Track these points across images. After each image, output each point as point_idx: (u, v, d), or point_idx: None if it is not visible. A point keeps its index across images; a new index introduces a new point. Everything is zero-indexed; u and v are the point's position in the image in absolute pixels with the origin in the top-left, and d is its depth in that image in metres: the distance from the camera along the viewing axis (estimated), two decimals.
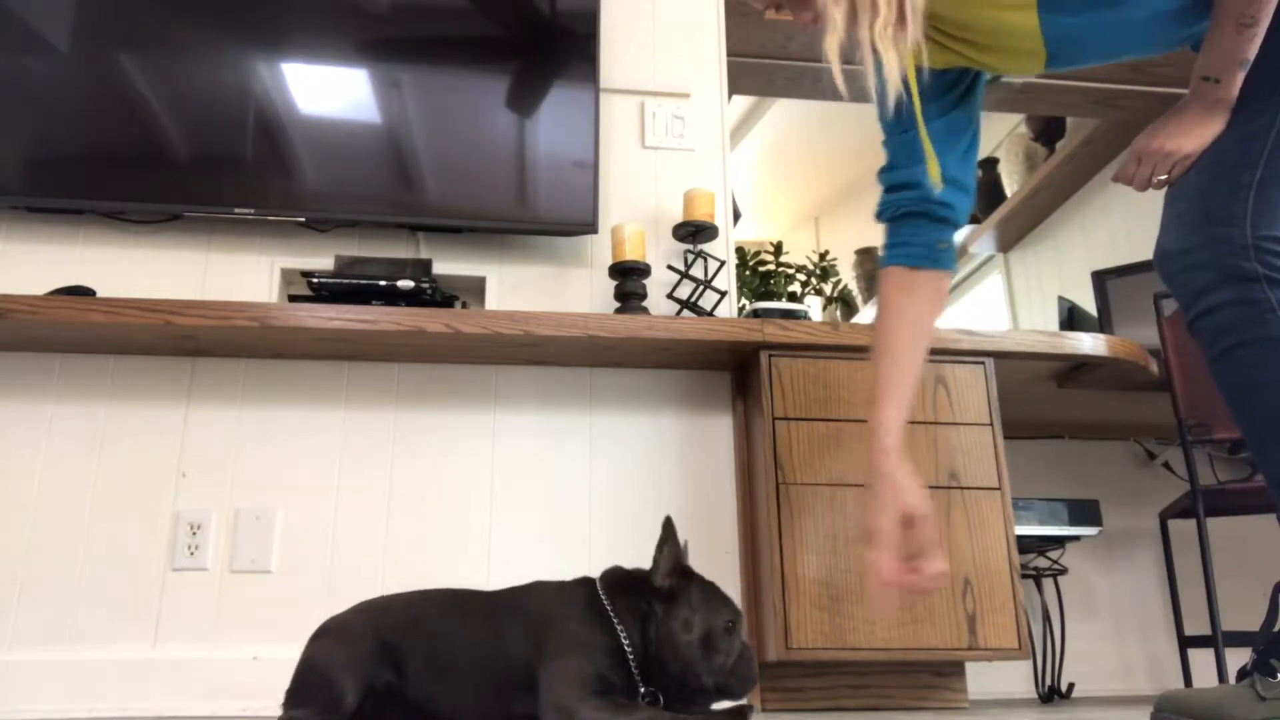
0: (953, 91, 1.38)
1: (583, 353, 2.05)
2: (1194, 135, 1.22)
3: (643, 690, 1.13)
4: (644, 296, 2.12)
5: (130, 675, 1.82)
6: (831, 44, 1.13)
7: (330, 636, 1.16)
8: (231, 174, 2.11)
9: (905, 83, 1.25)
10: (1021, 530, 2.04)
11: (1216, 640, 2.07)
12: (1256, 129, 1.16)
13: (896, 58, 1.13)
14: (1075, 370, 2.16)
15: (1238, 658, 2.12)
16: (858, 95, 1.17)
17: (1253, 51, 1.16)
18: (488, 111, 2.23)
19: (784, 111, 4.28)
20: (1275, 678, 1.24)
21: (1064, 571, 2.23)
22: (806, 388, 1.94)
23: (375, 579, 1.95)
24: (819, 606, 1.79)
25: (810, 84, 3.11)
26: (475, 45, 2.30)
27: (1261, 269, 1.12)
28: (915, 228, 1.39)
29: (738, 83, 3.06)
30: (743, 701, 1.18)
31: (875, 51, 1.13)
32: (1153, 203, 1.34)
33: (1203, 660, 2.28)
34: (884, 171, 1.42)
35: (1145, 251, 3.30)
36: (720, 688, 1.14)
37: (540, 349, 2.02)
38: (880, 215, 1.42)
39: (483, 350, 2.03)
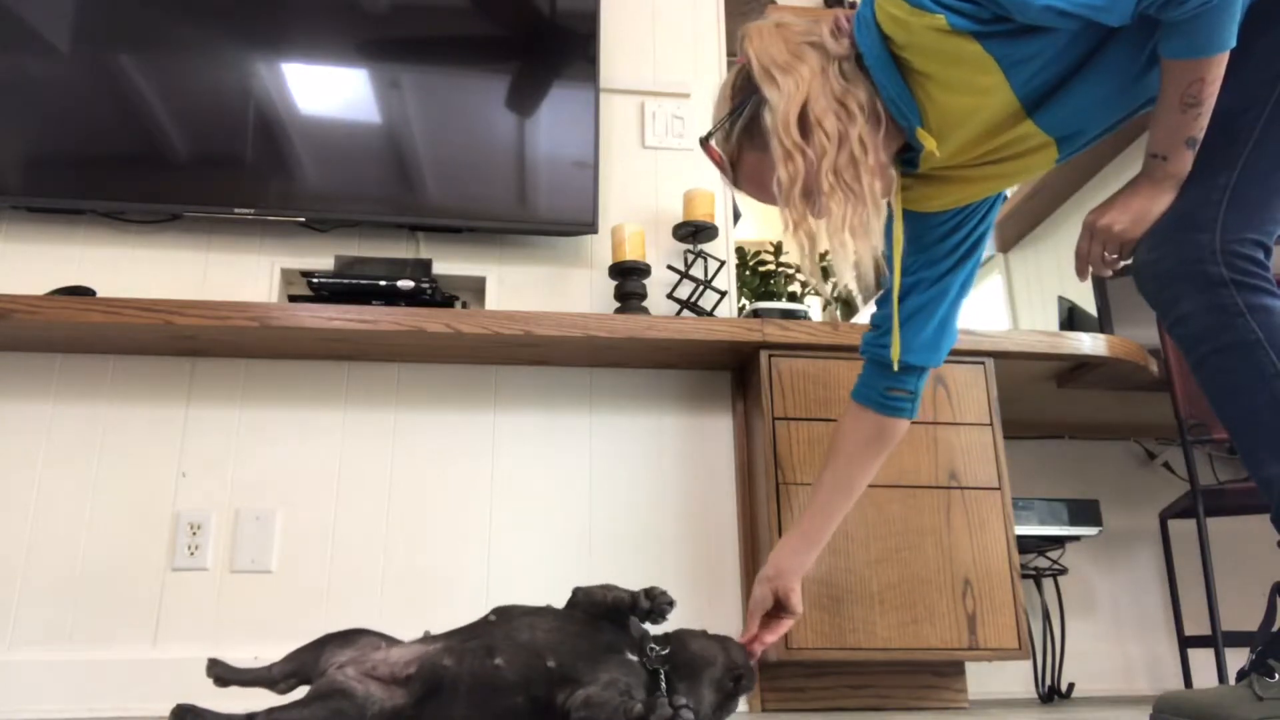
0: (949, 257, 1.40)
1: (583, 353, 2.05)
2: (1139, 215, 1.20)
3: None
4: (644, 296, 2.12)
5: (130, 675, 1.82)
6: (812, 265, 1.18)
7: None
8: (231, 174, 2.11)
9: (889, 263, 1.33)
10: (1021, 530, 2.04)
11: (1216, 640, 2.06)
12: (1238, 130, 1.15)
13: (867, 248, 1.15)
14: (1075, 370, 2.16)
15: (1237, 658, 2.12)
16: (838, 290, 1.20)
17: (1199, 129, 1.14)
18: (488, 111, 2.23)
19: None
20: (1273, 678, 1.24)
21: (1064, 571, 2.23)
22: (806, 388, 1.94)
23: (375, 579, 1.95)
24: (819, 606, 1.79)
25: None
26: (475, 45, 2.30)
27: (1228, 272, 1.12)
28: (871, 372, 1.44)
29: None
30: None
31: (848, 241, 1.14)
32: None
33: (1203, 660, 2.28)
34: (875, 305, 1.46)
35: None
36: None
37: (540, 349, 2.02)
38: (860, 351, 1.46)
39: (483, 350, 2.03)
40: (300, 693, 1.18)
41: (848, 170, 1.12)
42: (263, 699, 1.16)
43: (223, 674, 1.20)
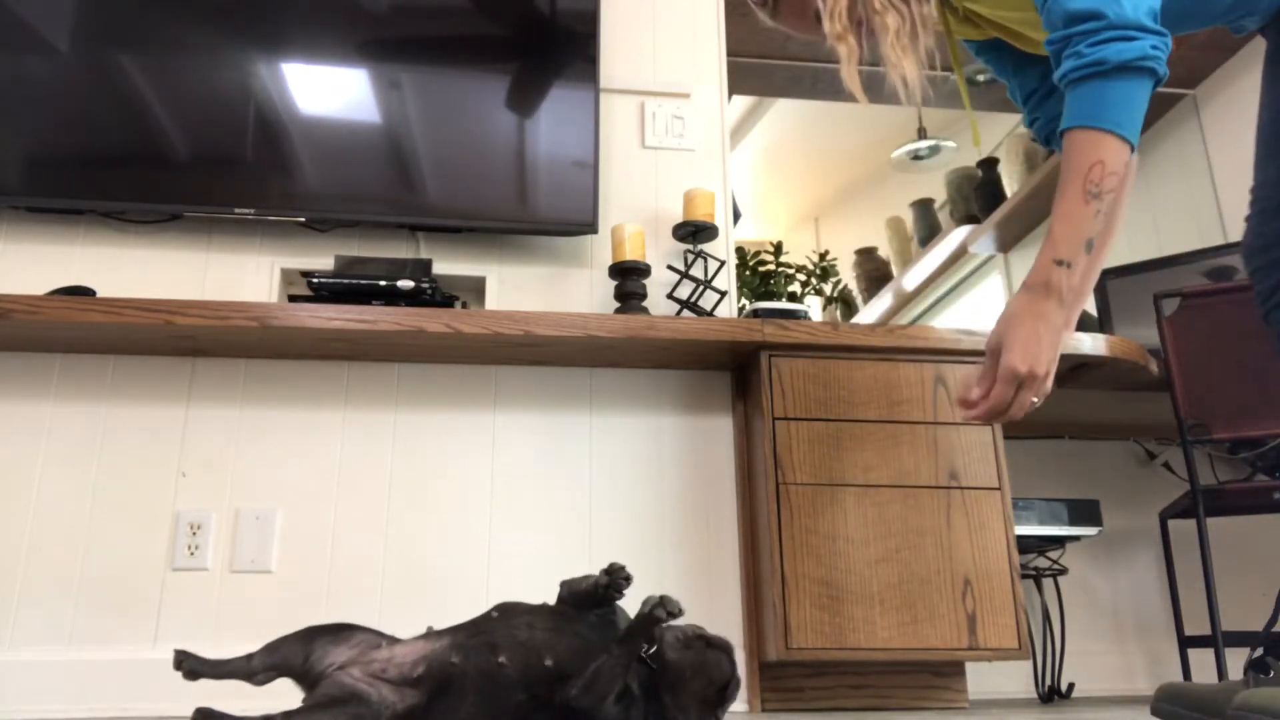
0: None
1: (583, 353, 2.05)
2: (1036, 348, 1.15)
3: None
4: (644, 296, 2.12)
5: (130, 675, 1.82)
6: (850, 73, 1.24)
7: None
8: (231, 174, 2.11)
9: (991, 64, 1.45)
10: (1021, 530, 2.04)
11: (1216, 640, 2.06)
12: None
13: (915, 64, 1.22)
14: (1075, 370, 2.16)
15: (1237, 657, 2.12)
16: (876, 100, 1.25)
17: (1096, 230, 1.12)
18: (488, 111, 2.23)
19: (784, 111, 4.28)
20: (1268, 674, 1.24)
21: (1064, 571, 2.23)
22: (806, 388, 1.94)
23: (375, 579, 1.95)
24: (819, 606, 1.79)
25: (810, 84, 3.11)
26: (475, 45, 2.30)
27: None
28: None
29: (738, 83, 3.07)
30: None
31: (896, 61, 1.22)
32: (1152, 203, 1.35)
33: (1203, 660, 2.28)
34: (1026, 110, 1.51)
35: (1145, 251, 3.32)
36: None
37: (540, 349, 2.02)
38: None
39: (483, 350, 2.03)
40: (283, 686, 1.18)
41: None
42: (273, 702, 1.16)
43: (194, 667, 1.18)
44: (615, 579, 1.12)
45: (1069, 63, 1.11)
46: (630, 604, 1.17)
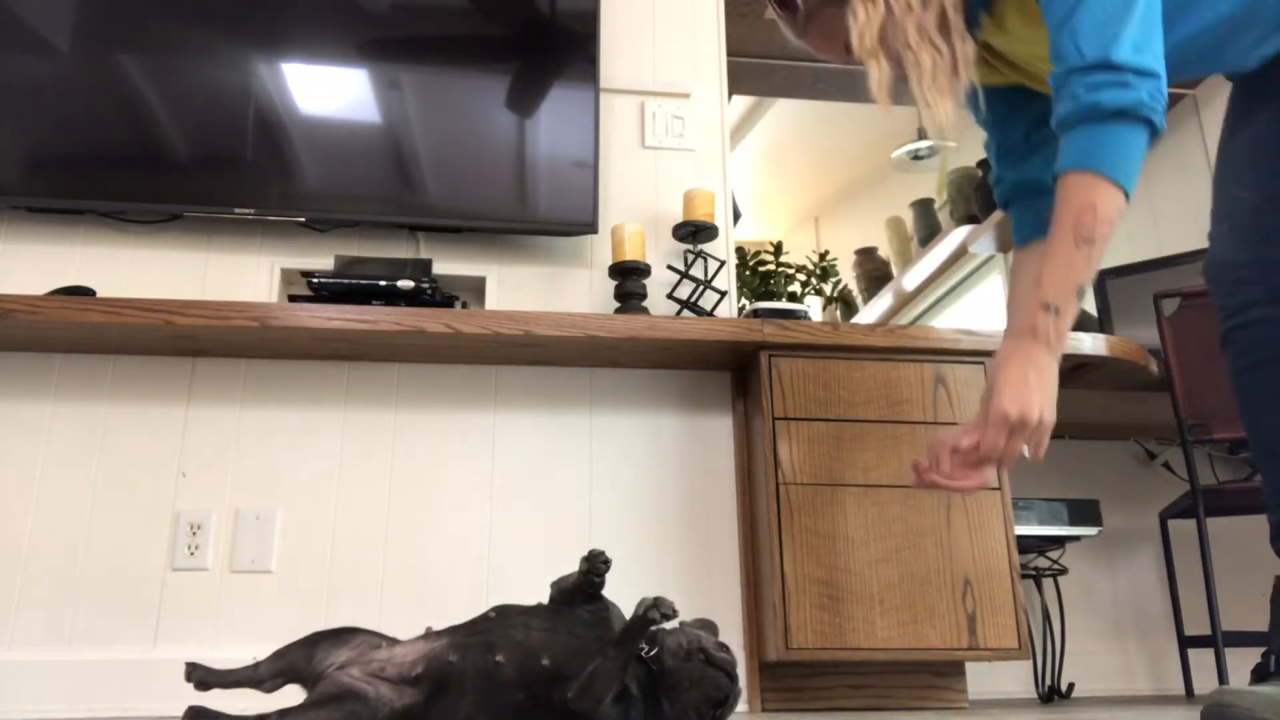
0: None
1: (583, 353, 2.05)
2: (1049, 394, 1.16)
3: None
4: (644, 296, 2.12)
5: (130, 675, 1.82)
6: (879, 86, 1.17)
7: None
8: (231, 174, 2.11)
9: (975, 109, 1.38)
10: (1021, 530, 2.04)
11: (1216, 640, 2.06)
12: None
13: (951, 105, 1.16)
14: (1075, 370, 2.16)
15: (1237, 658, 2.12)
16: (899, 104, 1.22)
17: (1089, 276, 1.13)
18: (488, 111, 2.23)
19: (784, 111, 4.28)
20: None
21: (1064, 571, 2.23)
22: (806, 388, 1.94)
23: (375, 579, 1.95)
24: (819, 606, 1.79)
25: (810, 84, 3.11)
26: (475, 45, 2.30)
27: None
28: (1023, 208, 1.43)
29: (738, 83, 3.07)
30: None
31: (928, 100, 1.15)
32: (1152, 203, 1.35)
33: (1203, 660, 2.28)
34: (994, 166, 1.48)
35: (1145, 251, 3.31)
36: None
37: (540, 349, 2.02)
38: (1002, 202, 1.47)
39: (483, 350, 2.03)
40: (289, 691, 1.18)
41: (936, 30, 1.16)
42: (268, 701, 1.16)
43: (204, 678, 1.18)
44: (594, 564, 1.13)
45: (1065, 105, 1.11)
46: (627, 603, 1.17)
